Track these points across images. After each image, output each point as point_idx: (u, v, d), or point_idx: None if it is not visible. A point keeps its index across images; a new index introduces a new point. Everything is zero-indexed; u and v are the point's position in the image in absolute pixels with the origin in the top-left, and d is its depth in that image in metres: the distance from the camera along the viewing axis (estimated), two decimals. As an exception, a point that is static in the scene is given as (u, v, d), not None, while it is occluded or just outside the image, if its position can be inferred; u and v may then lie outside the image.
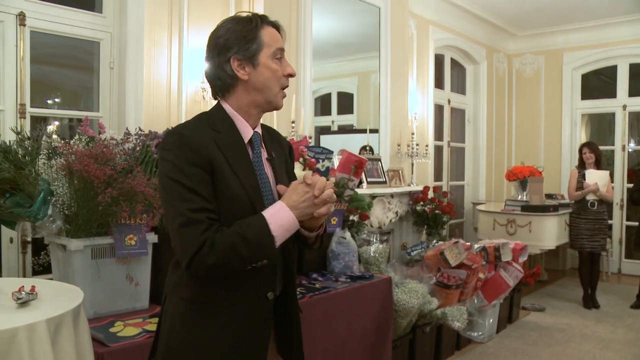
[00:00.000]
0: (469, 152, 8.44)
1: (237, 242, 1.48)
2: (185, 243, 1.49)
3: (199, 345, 1.59)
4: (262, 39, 1.62)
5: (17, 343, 1.57)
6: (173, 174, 1.52)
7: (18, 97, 3.56)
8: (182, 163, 1.51)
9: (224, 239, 1.48)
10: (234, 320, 1.60)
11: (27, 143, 2.62)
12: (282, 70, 1.66)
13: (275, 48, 1.64)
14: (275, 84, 1.64)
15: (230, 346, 1.60)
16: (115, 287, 2.55)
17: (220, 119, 1.64)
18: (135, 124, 3.79)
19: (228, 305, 1.60)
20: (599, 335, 5.22)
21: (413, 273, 4.32)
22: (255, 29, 1.62)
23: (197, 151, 1.53)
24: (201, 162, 1.52)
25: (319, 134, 6.01)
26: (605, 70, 8.40)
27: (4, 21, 3.51)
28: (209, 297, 1.60)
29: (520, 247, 5.23)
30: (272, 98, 1.66)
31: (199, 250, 1.47)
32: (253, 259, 1.53)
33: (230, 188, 1.56)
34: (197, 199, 1.50)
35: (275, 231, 1.51)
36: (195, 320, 1.60)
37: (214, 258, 1.47)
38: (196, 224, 1.48)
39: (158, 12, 4.09)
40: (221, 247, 1.47)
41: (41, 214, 2.43)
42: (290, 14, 4.74)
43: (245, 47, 1.61)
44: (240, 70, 1.62)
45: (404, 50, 6.18)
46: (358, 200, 4.16)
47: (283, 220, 1.53)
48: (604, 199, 6.18)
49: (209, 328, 1.59)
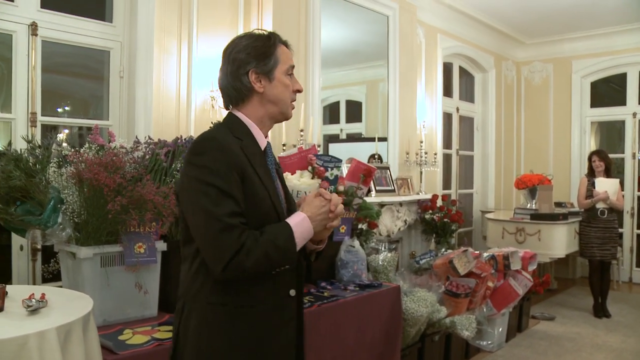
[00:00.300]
0: (478, 160, 8.42)
1: (269, 248, 1.58)
2: (222, 248, 1.55)
3: (233, 346, 1.65)
4: (278, 56, 1.74)
5: (27, 350, 1.58)
6: (208, 177, 1.58)
7: (29, 105, 3.60)
8: (219, 167, 1.59)
9: (257, 244, 1.57)
10: (263, 318, 1.68)
11: (37, 151, 2.65)
12: (293, 85, 1.79)
13: (289, 65, 1.77)
14: (287, 97, 1.77)
15: (262, 344, 1.67)
16: (124, 294, 2.56)
17: (239, 128, 1.73)
18: (144, 132, 3.82)
19: (256, 305, 1.67)
20: (611, 345, 5.17)
21: (422, 282, 4.31)
22: (272, 46, 1.74)
23: (232, 155, 1.61)
24: (236, 166, 1.61)
25: (327, 142, 6.02)
26: (615, 78, 8.36)
27: (16, 31, 3.55)
28: (238, 298, 1.66)
29: (530, 256, 5.20)
30: (284, 109, 1.78)
31: (236, 255, 1.54)
32: (280, 264, 1.64)
33: (257, 193, 1.65)
34: (232, 204, 1.58)
35: (297, 239, 1.64)
36: (226, 322, 1.65)
37: (250, 262, 1.55)
38: (233, 229, 1.56)
39: (167, 22, 4.12)
40: (256, 252, 1.56)
41: (51, 222, 2.45)
42: (299, 22, 4.76)
43: (264, 62, 1.72)
44: (257, 83, 1.72)
45: (413, 59, 6.19)
46: (367, 208, 4.16)
47: (304, 230, 1.66)
48: (614, 207, 6.14)
49: (240, 328, 1.65)
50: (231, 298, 1.65)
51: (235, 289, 1.65)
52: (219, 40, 4.42)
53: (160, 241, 2.67)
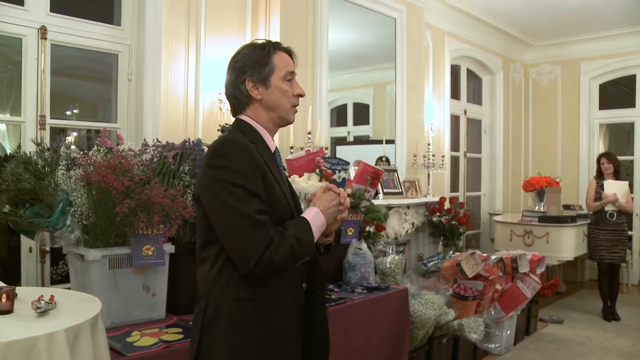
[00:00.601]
0: (486, 162, 8.40)
1: (294, 242, 1.67)
2: (254, 244, 1.62)
3: (261, 340, 1.71)
4: (274, 63, 1.81)
5: (36, 352, 1.59)
6: (234, 178, 1.65)
7: (38, 108, 3.62)
8: (242, 167, 1.66)
9: (283, 239, 1.65)
10: (284, 311, 1.76)
11: (46, 154, 2.66)
12: (293, 90, 1.85)
13: (286, 71, 1.83)
14: (286, 103, 1.84)
15: (284, 335, 1.75)
16: (132, 297, 2.57)
17: (250, 132, 1.81)
18: (152, 135, 3.83)
19: (278, 298, 1.75)
20: (620, 348, 5.14)
21: (429, 284, 4.30)
22: (267, 54, 1.81)
23: (252, 156, 1.69)
24: (257, 166, 1.69)
25: (335, 144, 6.02)
26: (624, 80, 8.32)
27: (26, 35, 3.58)
28: (263, 294, 1.72)
29: (538, 259, 5.18)
30: (283, 115, 1.85)
31: (266, 250, 1.62)
32: (303, 257, 1.72)
33: (275, 192, 1.74)
34: (258, 202, 1.66)
35: (315, 232, 1.74)
36: (254, 318, 1.71)
37: (279, 257, 1.63)
38: (262, 226, 1.63)
39: (175, 25, 4.14)
40: (283, 246, 1.64)
41: (60, 224, 2.46)
42: (307, 25, 4.77)
43: (259, 70, 1.80)
44: (254, 91, 1.80)
45: (420, 61, 6.18)
46: (374, 211, 4.16)
47: (319, 223, 1.76)
48: (623, 210, 6.10)
49: (268, 322, 1.72)
50: (257, 294, 1.71)
51: (261, 285, 1.71)
52: (226, 44, 4.44)
53: (168, 243, 2.68)
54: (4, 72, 3.70)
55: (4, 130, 3.83)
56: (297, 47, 1.98)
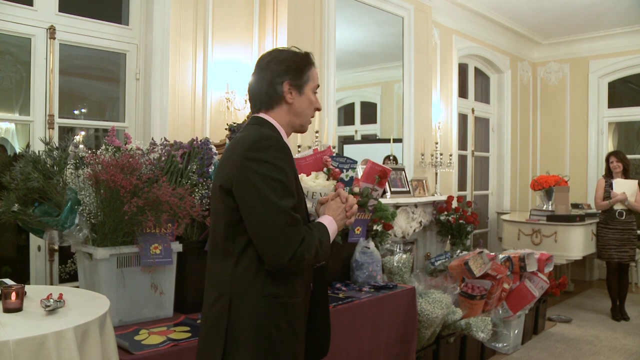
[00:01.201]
0: (494, 161, 8.37)
1: (318, 244, 1.75)
2: (290, 239, 1.67)
3: (285, 335, 1.76)
4: (310, 75, 1.91)
5: (45, 349, 1.60)
6: (274, 173, 1.69)
7: (47, 108, 3.64)
8: (281, 163, 1.71)
9: (312, 239, 1.74)
10: (300, 309, 1.83)
11: (55, 153, 2.68)
12: (315, 103, 1.95)
13: (316, 84, 1.95)
14: (310, 112, 1.95)
15: (300, 331, 1.84)
16: (140, 295, 2.58)
17: (274, 131, 1.85)
18: (160, 134, 3.84)
19: (297, 296, 1.81)
20: (629, 348, 5.11)
21: (437, 283, 4.29)
22: (308, 65, 1.91)
23: (289, 154, 1.76)
24: (292, 164, 1.77)
25: (342, 143, 6.03)
26: (633, 78, 8.28)
27: (35, 35, 3.60)
28: (287, 291, 1.77)
29: (546, 258, 5.16)
30: (304, 123, 1.95)
31: (300, 247, 1.68)
32: (321, 259, 1.83)
33: (300, 191, 1.84)
34: (293, 199, 1.72)
35: (330, 237, 1.85)
36: (279, 314, 1.76)
37: (310, 254, 1.71)
38: (297, 223, 1.70)
39: (183, 24, 4.15)
40: (313, 245, 1.72)
41: (68, 223, 2.48)
42: (314, 24, 4.77)
43: (299, 76, 1.88)
44: (288, 94, 1.87)
45: (428, 60, 6.17)
46: (382, 210, 4.15)
47: (333, 230, 1.88)
48: (632, 209, 6.07)
49: (289, 318, 1.78)
50: (281, 290, 1.76)
51: (285, 282, 1.76)
52: (234, 43, 4.44)
53: (176, 242, 2.68)
54: (13, 72, 3.73)
55: (13, 129, 3.86)
56: (304, 45, 2.01)
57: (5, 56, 3.70)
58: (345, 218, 1.93)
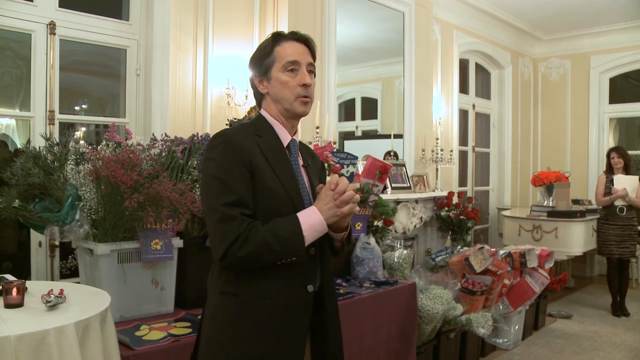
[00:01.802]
0: (494, 157, 8.37)
1: (269, 238, 1.61)
2: (221, 237, 1.62)
3: (240, 337, 1.68)
4: (274, 56, 1.79)
5: (46, 345, 1.60)
6: (214, 171, 1.67)
7: (47, 104, 3.63)
8: (225, 161, 1.67)
9: (257, 234, 1.61)
10: (275, 312, 1.69)
11: (56, 149, 2.67)
12: (298, 80, 1.78)
13: (286, 61, 1.78)
14: (287, 94, 1.78)
15: (271, 337, 1.69)
16: (141, 291, 2.58)
17: (262, 125, 1.82)
18: (161, 129, 3.84)
19: (269, 297, 1.69)
20: (630, 344, 5.11)
21: (437, 279, 4.29)
22: (267, 47, 1.81)
23: (238, 151, 1.68)
24: (243, 160, 1.67)
25: (343, 139, 6.02)
26: (634, 74, 8.26)
27: (35, 31, 3.59)
28: (250, 290, 1.69)
29: (547, 253, 5.16)
30: (288, 107, 1.80)
31: (233, 244, 1.60)
32: (283, 255, 1.65)
33: (269, 185, 1.70)
34: (232, 195, 1.63)
35: (306, 231, 1.65)
36: (237, 313, 1.69)
37: (245, 251, 1.60)
38: (231, 220, 1.61)
39: (184, 20, 4.14)
40: (254, 241, 1.60)
41: (69, 219, 2.48)
42: (315, 20, 4.76)
43: (260, 65, 1.82)
44: (260, 86, 1.83)
45: (428, 55, 6.16)
46: (382, 205, 4.15)
47: (314, 221, 1.66)
48: (633, 205, 6.06)
49: (250, 320, 1.68)
50: (242, 290, 1.69)
51: (248, 281, 1.69)
52: (235, 38, 4.44)
53: (176, 238, 2.68)
54: (14, 68, 3.72)
55: (13, 125, 3.85)
56: (304, 41, 1.95)
57: (5, 52, 3.70)
58: (334, 207, 1.67)
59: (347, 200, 1.66)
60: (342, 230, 1.79)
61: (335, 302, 1.90)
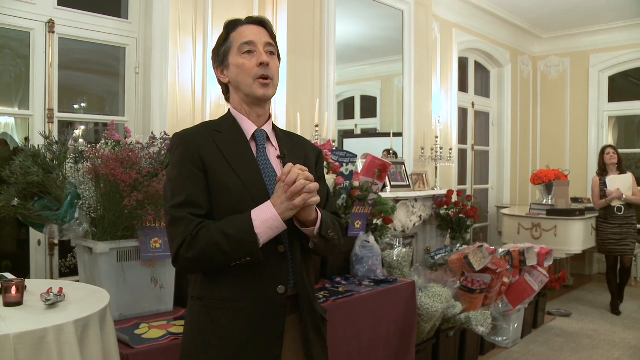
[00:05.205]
0: (494, 155, 8.37)
1: (218, 238, 1.53)
2: (171, 239, 1.60)
3: (209, 342, 1.62)
4: (229, 42, 1.75)
5: (46, 343, 1.60)
6: (169, 172, 1.68)
7: (46, 102, 3.63)
8: (176, 161, 1.65)
9: (207, 234, 1.54)
10: (243, 314, 1.61)
11: (55, 147, 2.67)
12: (255, 61, 1.70)
13: (240, 44, 1.72)
14: (246, 77, 1.71)
15: (240, 341, 1.61)
16: (140, 289, 2.58)
17: (224, 121, 1.77)
18: (160, 128, 3.84)
19: (234, 300, 1.62)
20: (628, 342, 5.12)
21: (437, 277, 4.30)
22: (224, 34, 1.78)
23: (188, 150, 1.64)
24: (193, 158, 1.62)
25: (342, 137, 6.02)
26: (634, 72, 8.26)
27: (34, 29, 3.58)
28: (214, 293, 1.64)
29: (546, 252, 5.17)
30: (248, 91, 1.72)
31: (181, 246, 1.55)
32: (236, 255, 1.55)
33: (224, 182, 1.62)
34: (180, 196, 1.59)
35: (258, 228, 1.54)
36: (204, 317, 1.65)
37: (194, 253, 1.54)
38: (178, 221, 1.57)
39: (183, 18, 4.13)
40: (203, 242, 1.53)
41: (68, 217, 2.47)
42: (314, 18, 4.75)
43: (217, 54, 1.80)
44: (221, 76, 1.80)
45: (428, 54, 6.16)
46: (382, 204, 4.15)
47: (267, 217, 1.55)
48: (631, 203, 6.06)
49: (217, 324, 1.62)
50: (206, 293, 1.65)
51: (212, 284, 1.64)
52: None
53: (175, 236, 2.68)
54: (12, 66, 3.72)
55: (12, 123, 3.85)
56: (304, 39, 1.96)
57: (4, 50, 3.69)
58: (287, 200, 1.52)
59: (299, 192, 1.52)
60: (311, 224, 1.64)
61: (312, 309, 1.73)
